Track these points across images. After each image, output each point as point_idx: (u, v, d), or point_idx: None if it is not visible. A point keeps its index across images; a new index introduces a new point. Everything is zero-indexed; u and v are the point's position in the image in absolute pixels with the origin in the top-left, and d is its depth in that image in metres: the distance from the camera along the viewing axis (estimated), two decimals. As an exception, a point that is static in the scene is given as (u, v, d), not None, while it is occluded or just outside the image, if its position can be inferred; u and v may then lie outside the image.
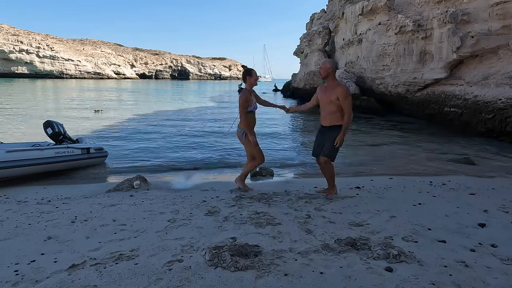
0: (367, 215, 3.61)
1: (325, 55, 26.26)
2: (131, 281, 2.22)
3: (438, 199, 4.43)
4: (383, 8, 17.88)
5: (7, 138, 9.47)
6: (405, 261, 2.50)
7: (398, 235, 3.03)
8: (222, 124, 14.61)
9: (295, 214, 3.62)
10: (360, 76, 20.74)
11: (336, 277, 2.27)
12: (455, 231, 3.17)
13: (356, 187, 5.05)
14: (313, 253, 2.64)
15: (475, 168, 7.26)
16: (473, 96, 12.75)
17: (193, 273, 2.30)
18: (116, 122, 14.46)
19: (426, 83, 15.51)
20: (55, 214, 3.75)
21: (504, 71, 11.84)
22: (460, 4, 13.36)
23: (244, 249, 2.62)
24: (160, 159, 8.13)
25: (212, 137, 11.30)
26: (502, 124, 10.81)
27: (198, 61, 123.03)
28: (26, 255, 2.64)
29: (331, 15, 27.51)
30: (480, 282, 2.24)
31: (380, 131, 12.83)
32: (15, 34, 76.05)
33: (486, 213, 3.79)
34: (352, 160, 8.01)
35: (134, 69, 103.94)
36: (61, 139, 7.07)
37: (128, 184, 5.17)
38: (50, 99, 26.44)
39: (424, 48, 15.30)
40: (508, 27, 11.75)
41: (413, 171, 6.95)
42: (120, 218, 3.55)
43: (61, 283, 2.20)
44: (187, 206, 3.97)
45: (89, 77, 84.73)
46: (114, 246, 2.80)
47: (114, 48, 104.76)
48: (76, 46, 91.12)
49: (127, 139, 10.65)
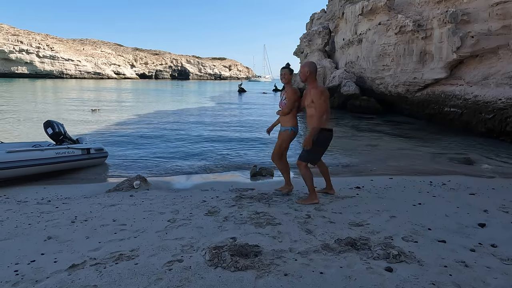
0: (367, 215, 3.61)
1: (325, 55, 26.27)
2: (131, 281, 2.22)
3: (438, 199, 4.43)
4: (383, 8, 17.88)
5: (7, 138, 9.47)
6: (405, 261, 2.50)
7: (398, 235, 3.03)
8: (222, 125, 14.63)
9: (295, 214, 3.62)
10: (360, 76, 20.73)
11: (336, 277, 2.27)
12: (455, 231, 3.17)
13: (356, 187, 5.05)
14: (313, 253, 2.64)
15: (475, 168, 7.26)
16: (473, 96, 12.75)
17: (193, 273, 2.30)
18: (116, 122, 14.45)
19: (426, 83, 15.51)
20: (55, 214, 3.75)
21: (504, 71, 11.84)
22: (460, 4, 13.36)
23: (244, 249, 2.62)
24: (161, 159, 8.13)
25: (212, 138, 11.30)
26: (502, 124, 10.80)
27: (198, 61, 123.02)
28: (26, 255, 2.65)
29: (331, 15, 27.51)
30: (480, 282, 2.24)
31: (380, 131, 12.82)
32: (15, 34, 76.03)
33: (486, 213, 3.79)
34: (352, 160, 8.02)
35: (134, 69, 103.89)
36: (62, 139, 7.06)
37: (128, 184, 5.17)
38: (49, 99, 26.44)
39: (424, 48, 15.30)
40: (508, 27, 11.74)
41: (413, 171, 6.95)
42: (120, 218, 3.55)
43: (61, 283, 2.20)
44: (187, 206, 3.97)
45: (89, 77, 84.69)
46: (114, 246, 2.80)
47: (114, 48, 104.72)
48: (76, 46, 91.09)
49: (127, 139, 10.64)
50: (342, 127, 14.03)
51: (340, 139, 11.17)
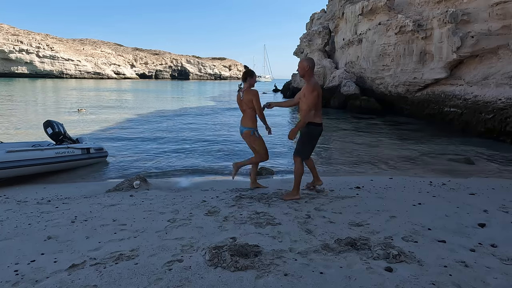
0: (367, 215, 3.61)
1: (325, 55, 26.28)
2: (131, 281, 2.22)
3: (438, 199, 4.43)
4: (383, 8, 17.89)
5: (7, 138, 9.47)
6: (405, 261, 2.50)
7: (398, 235, 3.03)
8: (222, 124, 14.62)
9: (295, 214, 3.62)
10: (360, 76, 20.74)
11: (336, 277, 2.27)
12: (455, 231, 3.17)
13: (356, 187, 5.04)
14: (313, 253, 2.64)
15: (475, 168, 7.26)
16: (473, 96, 12.75)
17: (193, 273, 2.30)
18: (116, 122, 14.45)
19: (426, 83, 15.51)
20: (55, 214, 3.75)
21: (504, 71, 11.84)
22: (460, 4, 13.37)
23: (244, 249, 2.62)
24: (161, 159, 8.13)
25: (212, 138, 11.30)
26: (502, 124, 10.81)
27: (198, 61, 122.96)
28: (26, 255, 2.64)
29: (331, 15, 27.53)
30: (480, 282, 2.24)
31: (380, 131, 12.82)
32: (15, 34, 76.02)
33: (486, 213, 3.78)
34: (352, 160, 8.02)
35: (134, 69, 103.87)
36: (61, 139, 7.07)
37: (128, 184, 5.18)
38: (49, 99, 26.43)
39: (424, 48, 15.30)
40: (508, 27, 11.75)
41: (413, 171, 6.95)
42: (120, 218, 3.55)
43: (61, 283, 2.20)
44: (187, 206, 3.97)
45: (89, 77, 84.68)
46: (114, 246, 2.80)
47: (114, 48, 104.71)
48: (76, 46, 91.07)
49: (127, 139, 10.64)
50: (342, 127, 14.03)
51: (340, 139, 11.17)
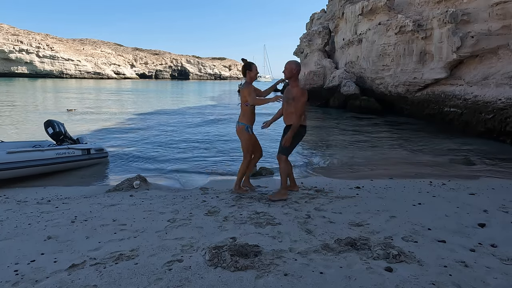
0: (367, 215, 3.61)
1: (325, 55, 26.27)
2: (131, 281, 2.22)
3: (438, 199, 4.43)
4: (383, 8, 17.89)
5: (7, 137, 9.47)
6: (405, 261, 2.50)
7: (398, 235, 3.03)
8: (222, 124, 14.62)
9: (295, 214, 3.62)
10: (360, 76, 20.73)
11: (336, 277, 2.27)
12: (455, 231, 3.17)
13: (356, 187, 5.04)
14: (313, 253, 2.64)
15: (475, 168, 7.26)
16: (473, 96, 12.75)
17: (193, 273, 2.30)
18: (117, 122, 14.45)
19: (426, 83, 15.51)
20: (55, 214, 3.75)
21: (504, 71, 11.84)
22: (460, 4, 13.36)
23: (244, 249, 2.62)
24: (161, 159, 8.13)
25: (212, 138, 11.31)
26: (502, 124, 10.81)
27: (198, 61, 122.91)
28: (26, 255, 2.64)
29: (331, 15, 27.53)
30: (480, 282, 2.24)
31: (380, 131, 12.82)
32: (15, 34, 75.98)
33: (486, 213, 3.78)
34: (352, 160, 8.02)
35: (134, 69, 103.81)
36: (62, 138, 7.06)
37: (128, 184, 5.18)
38: (49, 99, 26.42)
39: (424, 48, 15.30)
40: (508, 27, 11.74)
41: (413, 171, 6.94)
42: (120, 218, 3.55)
43: (61, 283, 2.20)
44: (187, 206, 3.97)
45: (89, 77, 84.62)
46: (114, 246, 2.80)
47: (114, 48, 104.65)
48: (76, 46, 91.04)
49: (127, 139, 10.64)
50: (342, 127, 14.04)
51: (340, 139, 11.17)
